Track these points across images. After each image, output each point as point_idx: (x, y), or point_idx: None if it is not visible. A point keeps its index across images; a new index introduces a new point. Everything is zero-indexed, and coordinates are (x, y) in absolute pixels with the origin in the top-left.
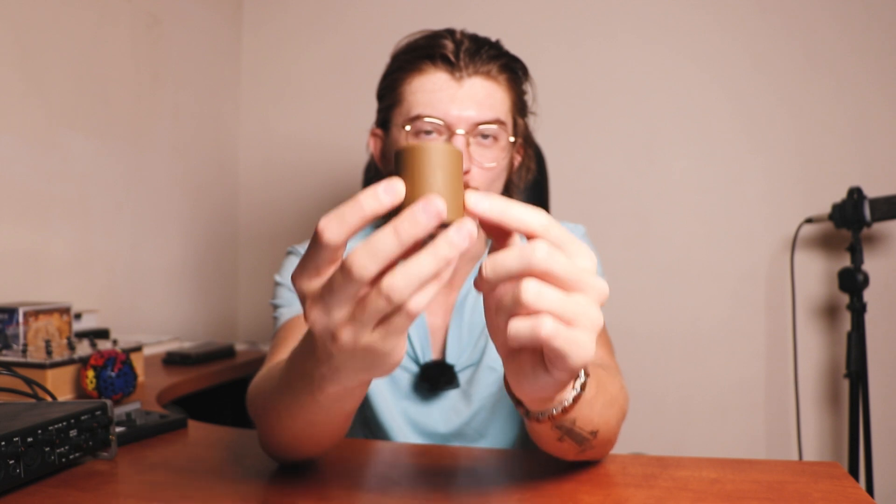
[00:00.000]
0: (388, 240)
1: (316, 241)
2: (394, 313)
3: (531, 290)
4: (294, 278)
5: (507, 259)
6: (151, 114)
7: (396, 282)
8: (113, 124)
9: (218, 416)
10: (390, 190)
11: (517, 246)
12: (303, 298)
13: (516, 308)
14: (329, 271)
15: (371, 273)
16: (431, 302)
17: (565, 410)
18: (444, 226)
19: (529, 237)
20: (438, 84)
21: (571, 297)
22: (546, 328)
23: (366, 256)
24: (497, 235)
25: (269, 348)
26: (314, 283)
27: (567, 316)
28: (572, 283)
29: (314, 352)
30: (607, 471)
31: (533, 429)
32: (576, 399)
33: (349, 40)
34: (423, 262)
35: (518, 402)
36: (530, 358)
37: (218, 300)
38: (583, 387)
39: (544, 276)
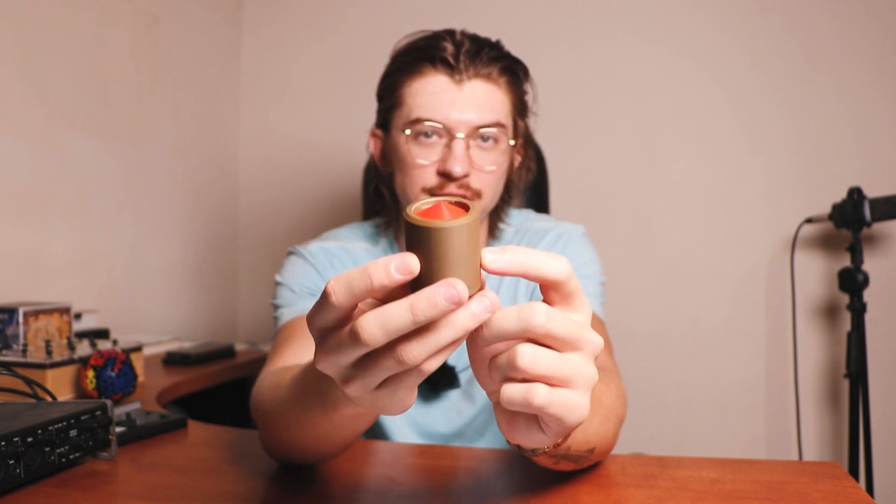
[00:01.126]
0: (403, 316)
1: (324, 300)
2: (405, 373)
3: (527, 356)
4: (308, 319)
5: (506, 322)
6: (151, 114)
7: (413, 350)
8: (113, 124)
9: (218, 416)
10: (403, 269)
11: (515, 308)
12: (315, 338)
13: (510, 371)
14: (338, 330)
15: (380, 343)
16: None
17: (558, 445)
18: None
19: (547, 286)
20: (439, 87)
21: (566, 358)
22: (540, 398)
23: (377, 327)
24: None
25: (269, 349)
26: (324, 333)
27: (562, 377)
28: (569, 343)
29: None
30: (607, 471)
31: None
32: (568, 433)
33: (349, 40)
34: (441, 334)
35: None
36: (524, 416)
37: (218, 300)
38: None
39: (542, 339)
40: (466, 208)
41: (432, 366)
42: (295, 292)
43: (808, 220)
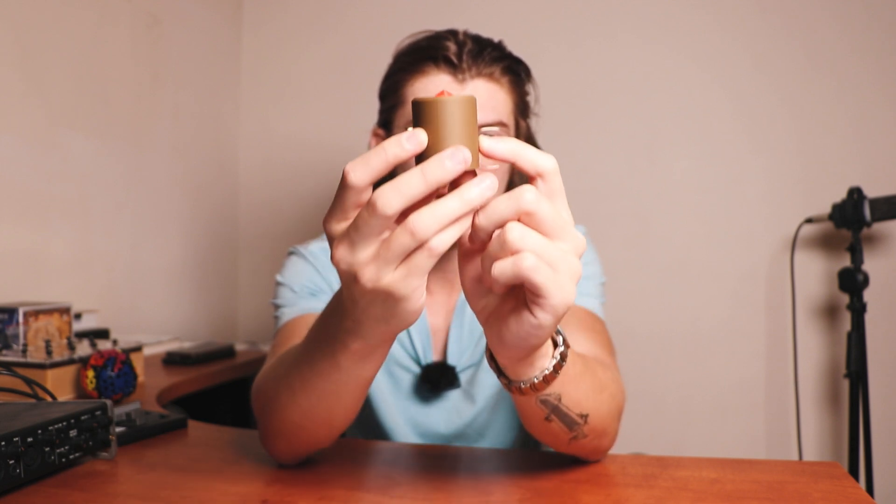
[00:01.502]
0: (415, 180)
1: (343, 184)
2: (416, 251)
3: (515, 231)
4: (325, 222)
5: (499, 203)
6: (151, 114)
7: (423, 218)
8: (113, 124)
9: (218, 416)
10: (413, 139)
11: (507, 193)
12: (331, 240)
13: (500, 252)
14: (355, 213)
15: (395, 209)
16: (433, 302)
17: (547, 380)
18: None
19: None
20: (441, 86)
21: (553, 243)
22: (528, 262)
23: (392, 193)
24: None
25: (269, 348)
26: (341, 225)
27: (548, 258)
28: (555, 231)
29: (338, 307)
30: (607, 471)
31: (519, 405)
32: (556, 368)
33: (349, 40)
34: (450, 204)
35: (500, 373)
36: (512, 304)
37: (218, 300)
38: (563, 357)
39: (530, 219)
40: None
41: (443, 241)
42: (295, 292)
43: (809, 220)
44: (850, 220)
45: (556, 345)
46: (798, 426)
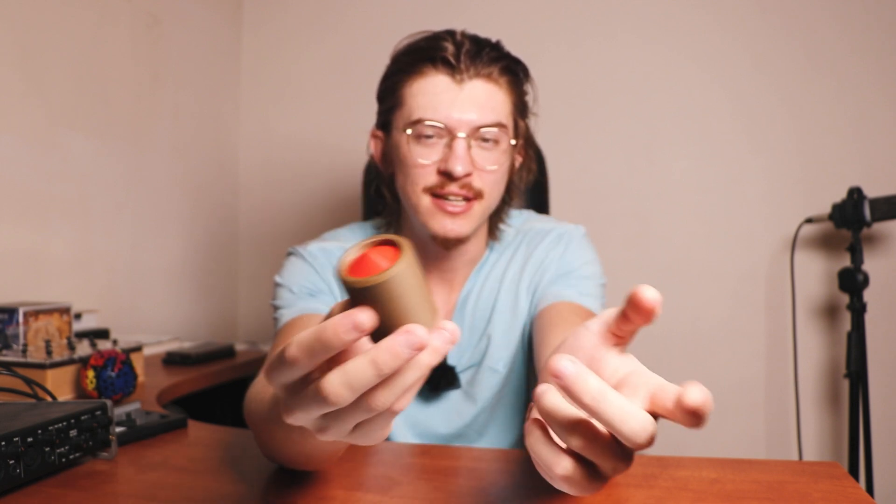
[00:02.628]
0: (368, 373)
1: (283, 361)
2: (378, 415)
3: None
4: (268, 374)
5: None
6: (151, 114)
7: (381, 397)
8: (113, 124)
9: (218, 416)
10: (358, 328)
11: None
12: (279, 394)
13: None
14: (302, 387)
15: (348, 402)
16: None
17: None
18: None
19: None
20: (439, 87)
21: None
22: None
23: (343, 387)
24: None
25: (269, 349)
26: (283, 382)
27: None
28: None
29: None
30: None
31: None
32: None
33: (349, 40)
34: (407, 377)
35: None
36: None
37: (218, 300)
38: None
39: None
40: (394, 245)
41: (403, 404)
42: (294, 293)
43: (809, 220)
44: (850, 220)
45: None
46: (798, 426)
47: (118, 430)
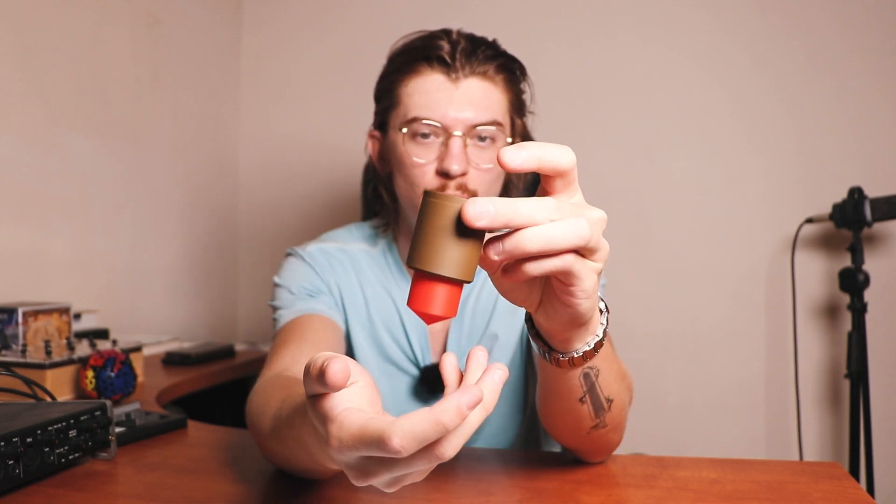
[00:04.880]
0: (433, 431)
1: (388, 453)
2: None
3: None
4: (363, 474)
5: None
6: (151, 114)
7: (446, 451)
8: (113, 124)
9: (218, 416)
10: (474, 401)
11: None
12: (351, 469)
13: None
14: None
15: (410, 453)
16: None
17: (597, 347)
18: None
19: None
20: (435, 86)
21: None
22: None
23: (411, 441)
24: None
25: (269, 349)
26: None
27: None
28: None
29: (322, 441)
30: (607, 471)
31: (558, 385)
32: (597, 346)
33: (349, 40)
34: (466, 428)
35: (548, 349)
36: (547, 291)
37: (218, 300)
38: (604, 332)
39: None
40: None
41: (453, 453)
42: (293, 294)
43: (809, 220)
44: (851, 220)
45: (601, 311)
46: (798, 426)
47: (118, 430)
